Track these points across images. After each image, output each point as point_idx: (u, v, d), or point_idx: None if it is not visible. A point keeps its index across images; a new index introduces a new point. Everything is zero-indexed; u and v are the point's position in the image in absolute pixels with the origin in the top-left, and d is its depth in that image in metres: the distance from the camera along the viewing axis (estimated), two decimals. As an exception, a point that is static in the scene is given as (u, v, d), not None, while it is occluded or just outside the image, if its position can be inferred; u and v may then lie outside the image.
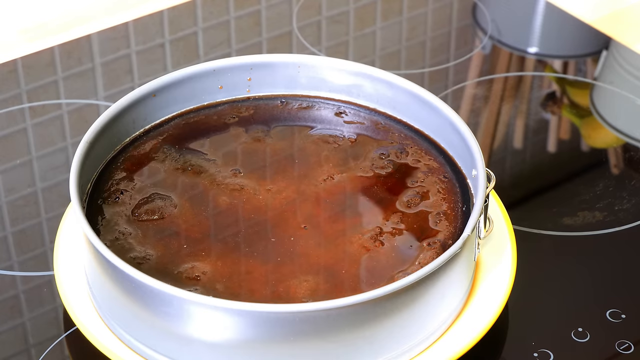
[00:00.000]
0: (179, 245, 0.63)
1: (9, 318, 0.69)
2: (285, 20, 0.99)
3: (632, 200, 0.79)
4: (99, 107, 0.88)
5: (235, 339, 0.57)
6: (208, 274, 0.61)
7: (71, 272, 0.66)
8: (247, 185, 0.68)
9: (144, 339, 0.60)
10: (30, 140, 0.84)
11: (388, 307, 0.57)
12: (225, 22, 0.98)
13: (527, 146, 0.88)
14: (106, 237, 0.63)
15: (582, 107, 0.92)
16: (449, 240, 0.64)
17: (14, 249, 0.74)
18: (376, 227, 0.65)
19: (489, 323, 0.63)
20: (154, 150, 0.70)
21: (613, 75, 0.95)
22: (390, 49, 0.98)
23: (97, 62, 0.93)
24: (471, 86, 0.93)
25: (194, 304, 0.56)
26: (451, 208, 0.66)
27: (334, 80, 0.74)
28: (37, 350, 0.66)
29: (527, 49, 0.99)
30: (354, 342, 0.58)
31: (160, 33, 0.96)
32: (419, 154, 0.70)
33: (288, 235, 0.64)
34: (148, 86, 0.71)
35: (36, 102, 0.88)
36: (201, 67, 0.73)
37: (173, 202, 0.66)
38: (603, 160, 0.86)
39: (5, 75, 0.90)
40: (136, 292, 0.58)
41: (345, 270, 0.62)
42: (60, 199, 0.78)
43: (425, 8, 1.03)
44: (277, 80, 0.75)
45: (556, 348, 0.66)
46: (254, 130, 0.73)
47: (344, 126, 0.73)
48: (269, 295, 0.60)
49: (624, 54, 0.96)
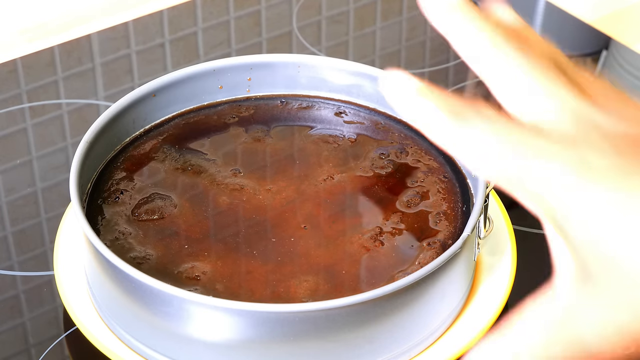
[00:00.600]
0: (179, 245, 0.63)
1: (9, 318, 0.69)
2: (285, 20, 0.99)
3: (632, 200, 0.79)
4: (99, 107, 0.88)
5: (235, 339, 0.57)
6: (208, 274, 0.61)
7: (71, 272, 0.66)
8: (247, 185, 0.68)
9: (144, 339, 0.60)
10: (30, 140, 0.84)
11: (388, 307, 0.57)
12: (225, 22, 0.98)
13: (527, 146, 0.88)
14: (106, 237, 0.63)
15: (582, 107, 0.92)
16: (449, 240, 0.64)
17: (14, 249, 0.74)
18: (376, 227, 0.65)
19: (489, 323, 0.63)
20: (154, 150, 0.70)
21: (613, 75, 0.95)
22: (390, 49, 0.98)
23: (97, 62, 0.93)
24: (471, 86, 0.93)
25: (194, 304, 0.56)
26: (451, 208, 0.66)
27: (334, 80, 0.74)
28: (37, 350, 0.66)
29: (527, 49, 0.99)
30: (354, 342, 0.58)
31: (160, 33, 0.96)
32: (419, 154, 0.70)
33: (288, 235, 0.64)
34: (148, 86, 0.71)
35: (36, 102, 0.88)
36: (201, 67, 0.73)
37: (173, 202, 0.66)
38: (603, 160, 0.85)
39: (5, 75, 0.90)
40: (136, 292, 0.58)
41: (345, 270, 0.62)
42: (60, 199, 0.78)
43: (425, 8, 1.03)
44: (277, 80, 0.75)
45: (556, 348, 0.66)
46: (254, 130, 0.73)
47: (344, 126, 0.73)
48: (269, 295, 0.60)
49: (624, 54, 0.96)
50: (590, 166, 0.36)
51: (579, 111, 0.38)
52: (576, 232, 0.37)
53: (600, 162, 0.36)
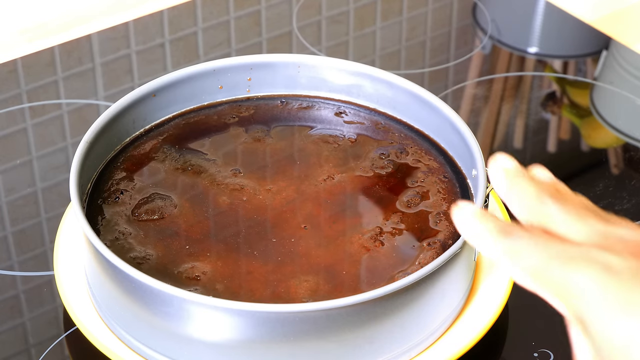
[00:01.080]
0: (179, 245, 0.63)
1: (9, 318, 0.69)
2: (285, 20, 0.99)
3: (632, 200, 0.79)
4: (99, 107, 0.88)
5: (235, 339, 0.57)
6: (208, 274, 0.61)
7: (71, 272, 0.66)
8: (247, 185, 0.68)
9: (144, 339, 0.60)
10: (30, 140, 0.84)
11: (388, 307, 0.57)
12: (225, 22, 0.98)
13: (527, 146, 0.88)
14: (106, 237, 0.63)
15: (582, 107, 0.92)
16: (449, 240, 0.64)
17: (14, 249, 0.74)
18: (376, 227, 0.65)
19: (489, 323, 0.63)
20: (154, 150, 0.70)
21: (613, 75, 0.95)
22: (390, 49, 0.98)
23: (97, 62, 0.93)
24: (471, 86, 0.93)
25: (194, 304, 0.56)
26: (451, 208, 0.66)
27: (334, 80, 0.74)
28: (37, 350, 0.66)
29: (527, 49, 0.99)
30: (354, 342, 0.58)
31: (160, 33, 0.96)
32: (419, 154, 0.70)
33: (288, 235, 0.64)
34: (148, 86, 0.71)
35: (36, 102, 0.88)
36: (201, 67, 0.73)
37: (173, 202, 0.66)
38: (603, 160, 0.86)
39: (5, 75, 0.90)
40: (136, 292, 0.58)
41: (346, 270, 0.62)
42: (60, 199, 0.78)
43: (425, 8, 1.03)
44: (277, 80, 0.75)
45: (556, 348, 0.66)
46: (254, 130, 0.73)
47: (344, 126, 0.73)
48: (269, 295, 0.60)
49: (624, 54, 0.96)
50: (613, 269, 0.42)
51: (606, 231, 0.45)
52: (602, 336, 0.42)
53: (623, 265, 0.43)
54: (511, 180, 0.49)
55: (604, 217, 0.47)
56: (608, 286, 0.42)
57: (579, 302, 0.43)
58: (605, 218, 0.47)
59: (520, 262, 0.45)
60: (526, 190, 0.48)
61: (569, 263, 0.44)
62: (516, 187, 0.49)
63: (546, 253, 0.45)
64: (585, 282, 0.43)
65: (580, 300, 0.43)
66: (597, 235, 0.45)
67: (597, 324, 0.42)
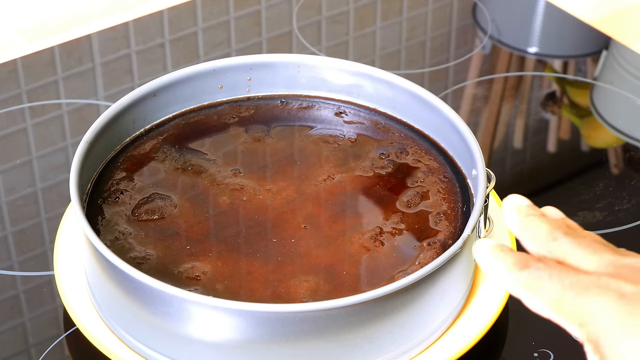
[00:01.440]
0: (179, 245, 0.63)
1: (9, 318, 0.69)
2: (285, 20, 0.99)
3: (632, 200, 0.79)
4: (99, 107, 0.88)
5: (235, 339, 0.57)
6: (208, 274, 0.61)
7: (71, 272, 0.66)
8: (247, 185, 0.68)
9: (144, 339, 0.60)
10: (30, 140, 0.84)
11: (388, 307, 0.57)
12: (225, 22, 0.98)
13: (527, 146, 0.88)
14: (106, 237, 0.63)
15: (582, 107, 0.92)
16: (449, 240, 0.64)
17: (14, 249, 0.74)
18: (376, 227, 0.65)
19: (489, 323, 0.63)
20: (154, 150, 0.70)
21: (613, 75, 0.95)
22: (390, 49, 0.98)
23: (97, 62, 0.93)
24: (471, 86, 0.93)
25: (194, 304, 0.56)
26: (451, 208, 0.66)
27: (334, 80, 0.74)
28: (37, 350, 0.66)
29: (527, 49, 0.99)
30: (354, 342, 0.58)
31: (160, 33, 0.96)
32: (419, 154, 0.70)
33: (288, 235, 0.64)
34: (148, 86, 0.71)
35: (36, 102, 0.88)
36: (201, 67, 0.73)
37: (173, 202, 0.66)
38: (603, 160, 0.86)
39: (5, 75, 0.90)
40: (136, 292, 0.58)
41: (346, 270, 0.62)
42: (60, 199, 0.78)
43: (425, 8, 1.03)
44: (277, 80, 0.75)
45: (556, 348, 0.66)
46: (254, 130, 0.73)
47: (344, 126, 0.73)
48: (269, 295, 0.60)
49: (624, 54, 0.96)
50: (626, 296, 0.46)
51: (617, 261, 0.48)
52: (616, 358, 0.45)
53: (634, 291, 0.46)
54: (524, 218, 0.52)
55: (614, 249, 0.50)
56: (621, 311, 0.45)
57: (594, 327, 0.46)
58: (616, 250, 0.50)
59: (537, 294, 0.48)
60: (539, 227, 0.51)
61: (583, 293, 0.47)
62: (529, 225, 0.51)
63: (561, 284, 0.48)
64: (600, 308, 0.46)
65: (596, 325, 0.46)
66: (609, 265, 0.48)
67: (612, 346, 0.45)
